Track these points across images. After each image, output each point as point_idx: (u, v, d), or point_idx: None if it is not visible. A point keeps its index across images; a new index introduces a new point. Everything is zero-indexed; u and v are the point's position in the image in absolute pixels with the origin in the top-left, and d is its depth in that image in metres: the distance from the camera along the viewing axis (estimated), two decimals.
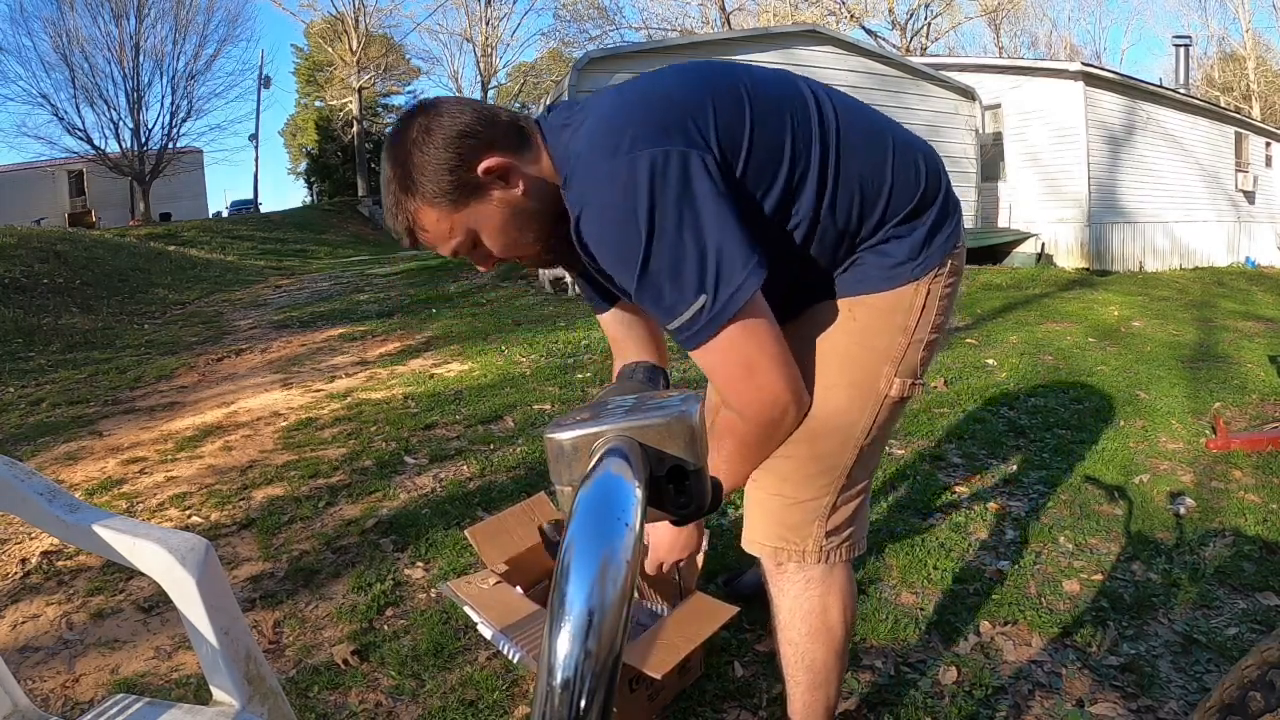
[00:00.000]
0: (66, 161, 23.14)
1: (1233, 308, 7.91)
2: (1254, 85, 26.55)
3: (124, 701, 0.95)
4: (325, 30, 30.50)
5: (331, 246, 20.41)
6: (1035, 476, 2.98)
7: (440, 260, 13.05)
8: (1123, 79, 11.45)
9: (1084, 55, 32.54)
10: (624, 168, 0.92)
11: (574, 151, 0.99)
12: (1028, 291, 7.70)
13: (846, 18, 25.92)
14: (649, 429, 0.42)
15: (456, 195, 1.00)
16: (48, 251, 9.91)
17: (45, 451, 3.66)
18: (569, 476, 0.43)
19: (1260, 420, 3.75)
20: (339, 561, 2.41)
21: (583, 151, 0.97)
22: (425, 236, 1.04)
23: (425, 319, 6.91)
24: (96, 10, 22.41)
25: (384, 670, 1.85)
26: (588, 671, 0.32)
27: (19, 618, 2.13)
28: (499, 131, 1.02)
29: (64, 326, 7.51)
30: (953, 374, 4.33)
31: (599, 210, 0.95)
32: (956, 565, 2.29)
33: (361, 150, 30.92)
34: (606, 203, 0.94)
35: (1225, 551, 2.35)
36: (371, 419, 3.85)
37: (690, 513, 0.45)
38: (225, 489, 3.02)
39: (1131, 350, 5.21)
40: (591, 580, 0.33)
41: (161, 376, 5.29)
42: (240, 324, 7.64)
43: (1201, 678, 1.77)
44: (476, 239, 1.05)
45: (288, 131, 39.86)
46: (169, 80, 23.83)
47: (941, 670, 1.81)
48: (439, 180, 0.99)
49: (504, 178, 1.01)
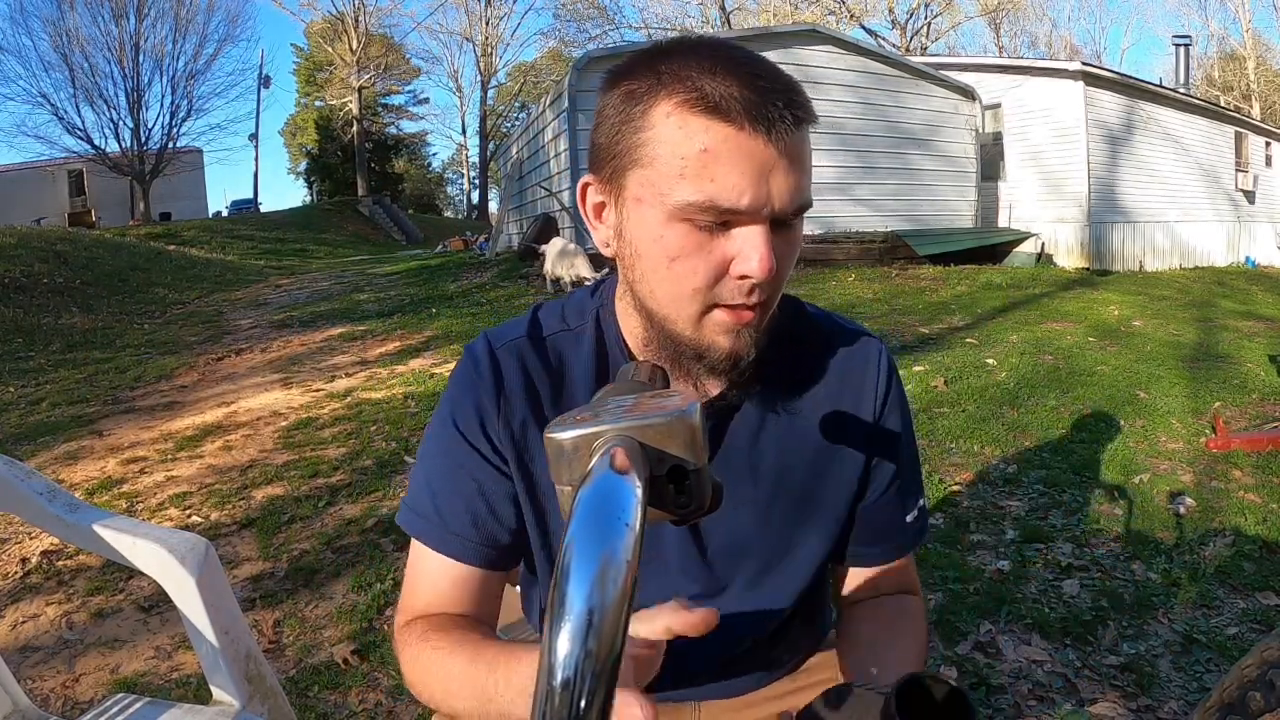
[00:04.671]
0: (66, 161, 23.12)
1: (1233, 307, 7.91)
2: (1254, 85, 26.53)
3: (124, 701, 0.95)
4: (325, 30, 30.48)
5: (331, 246, 20.41)
6: (1035, 476, 2.97)
7: (440, 260, 13.06)
8: (1123, 79, 11.44)
9: (1084, 55, 32.53)
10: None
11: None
12: (1028, 291, 7.70)
13: (846, 17, 25.92)
14: (649, 429, 0.42)
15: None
16: (48, 251, 9.91)
17: (45, 451, 3.66)
18: (569, 476, 0.43)
19: (1260, 420, 3.75)
20: (339, 561, 2.41)
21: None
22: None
23: (425, 318, 6.91)
24: (96, 10, 22.40)
25: (384, 670, 1.85)
26: (588, 671, 0.32)
27: (19, 617, 2.13)
28: None
29: (64, 326, 7.51)
30: (953, 374, 4.33)
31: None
32: (956, 565, 2.28)
33: (361, 150, 30.90)
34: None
35: (1225, 551, 2.35)
36: (371, 418, 3.84)
37: (690, 512, 0.45)
38: (225, 489, 3.02)
39: (1131, 350, 5.21)
40: (591, 580, 0.33)
41: (161, 376, 5.29)
42: (240, 323, 7.64)
43: (1201, 677, 1.77)
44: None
45: (288, 131, 39.86)
46: (169, 80, 23.82)
47: (941, 670, 1.81)
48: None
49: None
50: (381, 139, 36.72)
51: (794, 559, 0.78)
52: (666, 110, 0.60)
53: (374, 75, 31.12)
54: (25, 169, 22.88)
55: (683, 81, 0.59)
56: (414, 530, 0.75)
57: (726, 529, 0.75)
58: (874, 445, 0.78)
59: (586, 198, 0.69)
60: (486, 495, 0.73)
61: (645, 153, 0.61)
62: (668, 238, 0.62)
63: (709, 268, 0.61)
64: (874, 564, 0.82)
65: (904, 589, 0.83)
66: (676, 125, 0.59)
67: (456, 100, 56.77)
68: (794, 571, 0.79)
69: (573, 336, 0.76)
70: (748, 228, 0.61)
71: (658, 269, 0.63)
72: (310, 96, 35.50)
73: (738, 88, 0.58)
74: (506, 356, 0.74)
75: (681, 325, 0.65)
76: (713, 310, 0.64)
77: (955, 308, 6.69)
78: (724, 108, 0.58)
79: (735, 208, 0.59)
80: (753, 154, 0.58)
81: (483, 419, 0.73)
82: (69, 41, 21.86)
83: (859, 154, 9.85)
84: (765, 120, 0.58)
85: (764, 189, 0.59)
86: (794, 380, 0.76)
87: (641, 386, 0.51)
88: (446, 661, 0.68)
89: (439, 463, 0.75)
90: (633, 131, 0.62)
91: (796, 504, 0.76)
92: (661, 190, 0.60)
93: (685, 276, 0.62)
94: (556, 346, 0.76)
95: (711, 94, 0.58)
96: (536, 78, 35.61)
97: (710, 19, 29.09)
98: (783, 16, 25.36)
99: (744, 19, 28.38)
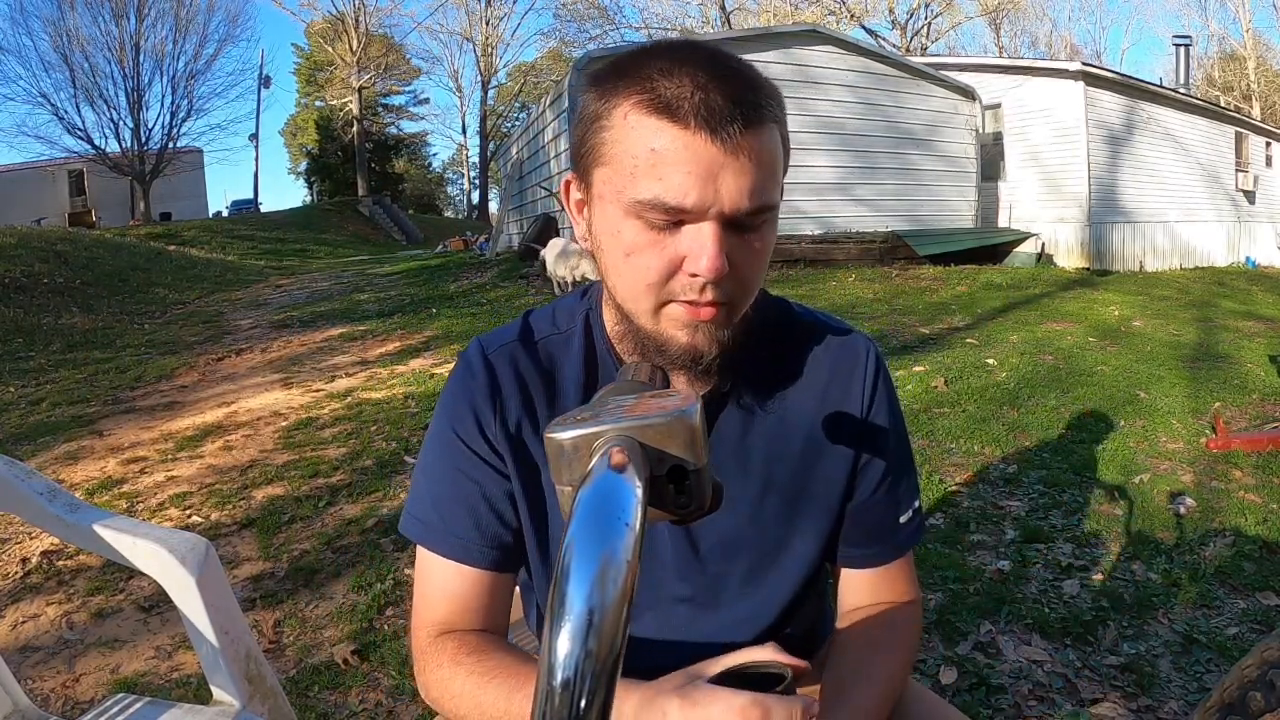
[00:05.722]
0: (66, 161, 23.12)
1: (1233, 307, 7.90)
2: (1254, 85, 26.53)
3: (124, 701, 0.95)
4: (325, 30, 30.48)
5: (331, 246, 20.41)
6: (1035, 476, 2.97)
7: (440, 260, 13.06)
8: (1123, 79, 11.44)
9: (1084, 55, 32.54)
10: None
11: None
12: (1028, 291, 7.70)
13: (846, 17, 25.92)
14: (649, 429, 0.42)
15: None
16: (48, 251, 9.91)
17: (45, 451, 3.66)
18: (569, 476, 0.43)
19: (1260, 420, 3.75)
20: (339, 561, 2.41)
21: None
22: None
23: (425, 318, 6.91)
24: (96, 10, 22.41)
25: (384, 670, 1.85)
26: (588, 671, 0.32)
27: (19, 617, 2.13)
28: None
29: (64, 326, 7.51)
30: (953, 374, 4.33)
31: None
32: (956, 565, 2.28)
33: (362, 150, 30.90)
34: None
35: (1225, 551, 2.35)
36: (372, 419, 3.85)
37: (690, 513, 0.45)
38: (225, 489, 3.02)
39: (1132, 350, 5.21)
40: (592, 580, 0.33)
41: (162, 376, 5.29)
42: (240, 324, 7.64)
43: (1201, 678, 1.77)
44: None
45: (288, 131, 39.88)
46: (169, 80, 23.83)
47: (941, 670, 1.81)
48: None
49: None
50: (382, 139, 36.74)
51: (786, 557, 0.78)
52: (625, 110, 0.61)
53: (374, 75, 31.13)
54: (25, 169, 22.88)
55: (640, 83, 0.61)
56: (417, 536, 0.75)
57: (718, 527, 0.75)
58: (862, 442, 0.78)
59: (569, 194, 0.71)
60: (488, 497, 0.74)
61: (606, 151, 0.63)
62: (624, 233, 0.63)
63: (662, 264, 0.63)
64: (868, 565, 0.81)
65: (900, 593, 0.82)
66: (632, 125, 0.61)
67: (456, 100, 56.96)
68: (787, 570, 0.79)
69: (563, 339, 0.77)
70: (696, 225, 0.61)
71: (617, 263, 0.65)
72: (310, 96, 35.52)
73: (690, 88, 0.59)
74: (500, 361, 0.75)
75: (642, 319, 0.67)
76: (668, 305, 0.65)
77: (955, 308, 6.69)
78: (673, 108, 0.59)
79: (681, 206, 0.60)
80: (699, 154, 0.59)
81: (479, 422, 0.74)
82: (69, 41, 21.89)
83: (859, 154, 9.85)
84: (713, 121, 0.59)
85: (711, 189, 0.60)
86: (781, 378, 0.77)
87: (641, 386, 0.52)
88: (482, 688, 0.69)
89: (438, 469, 0.76)
90: (598, 130, 0.63)
91: (787, 501, 0.77)
92: (618, 187, 0.62)
93: (640, 271, 0.64)
94: (548, 349, 0.77)
95: (664, 94, 0.59)
96: (536, 78, 35.62)
97: (710, 19, 29.12)
98: (783, 16, 25.35)
99: (744, 19, 28.38)
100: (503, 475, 0.74)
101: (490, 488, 0.74)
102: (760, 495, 0.76)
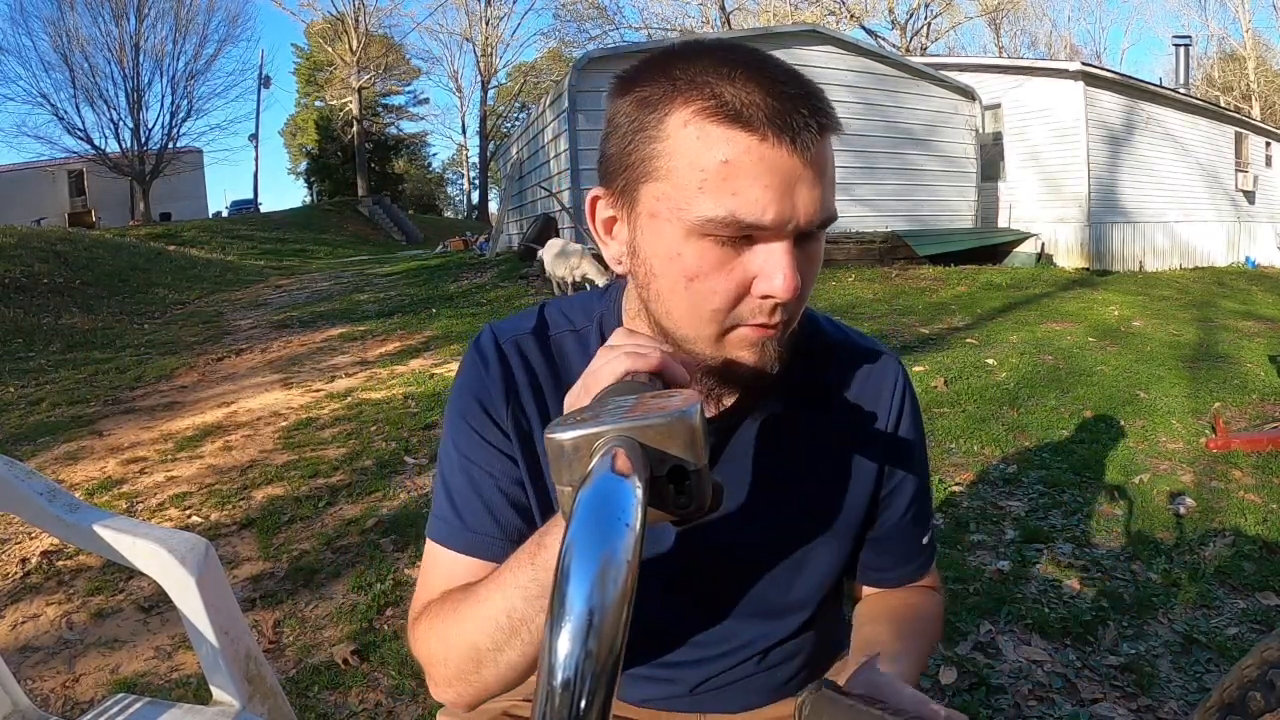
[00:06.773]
0: (66, 161, 23.11)
1: (1233, 307, 7.91)
2: (1254, 85, 26.52)
3: (124, 701, 0.95)
4: (325, 30, 30.47)
5: (331, 246, 20.41)
6: (1035, 476, 2.97)
7: (440, 260, 13.06)
8: (1123, 79, 11.44)
9: (1084, 55, 32.53)
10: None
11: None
12: (1028, 291, 7.70)
13: (846, 17, 25.91)
14: (649, 429, 0.42)
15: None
16: (48, 251, 9.91)
17: (45, 451, 3.65)
18: (569, 476, 0.43)
19: (1260, 420, 3.75)
20: (339, 561, 2.41)
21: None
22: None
23: (425, 319, 6.91)
24: (96, 10, 22.40)
25: (384, 670, 1.85)
26: (588, 671, 0.32)
27: (19, 618, 2.13)
28: None
29: (64, 326, 7.51)
30: (953, 374, 4.33)
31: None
32: (956, 565, 2.28)
33: (362, 150, 30.90)
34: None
35: (1225, 551, 2.35)
36: (371, 419, 3.84)
37: (691, 513, 0.45)
38: (225, 489, 3.02)
39: (1132, 350, 5.21)
40: (592, 580, 0.33)
41: (161, 376, 5.29)
42: (240, 324, 7.64)
43: (1201, 678, 1.77)
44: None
45: (288, 131, 39.86)
46: (169, 80, 23.82)
47: (941, 670, 1.81)
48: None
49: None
50: (381, 139, 36.72)
51: (803, 573, 0.77)
52: (684, 119, 0.56)
53: (374, 75, 31.12)
54: (25, 169, 22.87)
55: (700, 88, 0.55)
56: (437, 537, 0.73)
57: (735, 540, 0.73)
58: (888, 463, 0.77)
59: (596, 212, 0.65)
60: (501, 486, 0.71)
61: (661, 164, 0.57)
62: (686, 255, 0.58)
63: (729, 287, 0.58)
64: (896, 585, 0.83)
65: (925, 588, 0.84)
66: (695, 135, 0.55)
67: (456, 100, 56.93)
68: (804, 586, 0.77)
69: (577, 337, 0.74)
70: (771, 244, 0.57)
71: (675, 289, 0.59)
72: (310, 97, 35.51)
73: (759, 94, 0.54)
74: (510, 349, 0.73)
75: (701, 345, 0.62)
76: (735, 329, 0.60)
77: (955, 308, 6.69)
78: (745, 116, 0.54)
79: (759, 223, 0.55)
80: (777, 165, 0.54)
81: (488, 408, 0.71)
82: (69, 41, 21.87)
83: (859, 154, 9.84)
84: (789, 129, 0.54)
85: (789, 203, 0.55)
86: (809, 393, 0.74)
87: (642, 387, 0.51)
88: (459, 609, 0.63)
89: (453, 462, 0.74)
90: (647, 142, 0.57)
91: (807, 517, 0.75)
92: (679, 204, 0.56)
93: (705, 297, 0.58)
94: (560, 345, 0.74)
95: (732, 101, 0.54)
96: (536, 78, 35.60)
97: (710, 19, 29.10)
98: (783, 16, 25.36)
99: (744, 19, 28.38)
100: (514, 460, 0.72)
101: (504, 479, 0.71)
102: (779, 510, 0.74)
